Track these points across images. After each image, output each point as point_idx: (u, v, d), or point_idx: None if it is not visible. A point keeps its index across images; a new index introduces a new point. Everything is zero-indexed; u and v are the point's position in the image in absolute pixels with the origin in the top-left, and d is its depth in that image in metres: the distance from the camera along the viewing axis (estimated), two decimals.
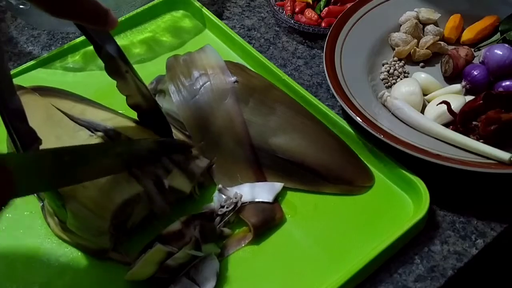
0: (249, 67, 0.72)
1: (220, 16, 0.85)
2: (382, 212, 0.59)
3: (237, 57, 0.76)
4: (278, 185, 0.61)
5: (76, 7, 0.48)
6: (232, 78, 0.65)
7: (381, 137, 0.60)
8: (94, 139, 0.57)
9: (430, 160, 0.58)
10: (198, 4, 0.82)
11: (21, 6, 0.75)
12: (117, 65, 0.57)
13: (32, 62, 0.77)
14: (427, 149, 0.59)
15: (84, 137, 0.58)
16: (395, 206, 0.60)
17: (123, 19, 0.81)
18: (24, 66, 0.76)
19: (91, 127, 0.59)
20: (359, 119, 0.62)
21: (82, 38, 0.78)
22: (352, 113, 0.63)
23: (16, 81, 0.74)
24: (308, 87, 0.73)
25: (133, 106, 0.61)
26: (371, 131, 0.61)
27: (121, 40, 0.80)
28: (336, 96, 0.65)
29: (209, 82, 0.65)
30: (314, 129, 0.64)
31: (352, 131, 0.64)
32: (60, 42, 0.82)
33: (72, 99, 0.64)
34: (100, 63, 0.75)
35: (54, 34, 0.84)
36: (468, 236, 0.58)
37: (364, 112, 0.63)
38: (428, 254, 0.56)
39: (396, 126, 0.63)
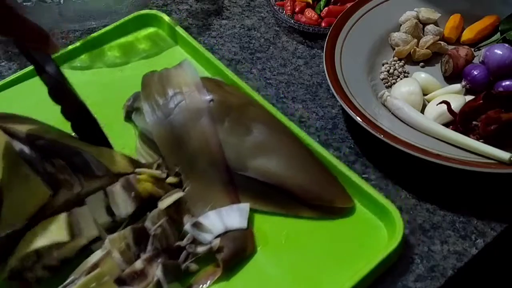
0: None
1: (220, 16, 0.85)
2: (355, 241, 0.56)
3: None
4: (245, 206, 0.57)
5: (16, 25, 0.48)
6: (208, 97, 0.62)
7: (381, 137, 0.60)
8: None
9: (430, 160, 0.58)
10: (171, 21, 0.79)
11: (25, 4, 0.74)
12: (60, 88, 0.57)
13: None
14: (427, 149, 0.59)
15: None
16: (369, 234, 0.56)
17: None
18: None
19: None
20: (359, 119, 0.62)
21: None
22: (352, 113, 0.63)
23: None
24: (308, 87, 0.73)
25: (75, 130, 0.60)
26: (371, 131, 0.61)
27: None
28: (336, 96, 0.65)
29: (184, 101, 0.62)
30: (292, 148, 0.61)
31: (327, 155, 0.60)
32: (60, 41, 0.82)
33: (33, 124, 0.59)
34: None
35: (54, 32, 0.83)
36: (468, 236, 0.58)
37: (364, 112, 0.63)
38: (428, 254, 0.56)
39: (396, 126, 0.63)
